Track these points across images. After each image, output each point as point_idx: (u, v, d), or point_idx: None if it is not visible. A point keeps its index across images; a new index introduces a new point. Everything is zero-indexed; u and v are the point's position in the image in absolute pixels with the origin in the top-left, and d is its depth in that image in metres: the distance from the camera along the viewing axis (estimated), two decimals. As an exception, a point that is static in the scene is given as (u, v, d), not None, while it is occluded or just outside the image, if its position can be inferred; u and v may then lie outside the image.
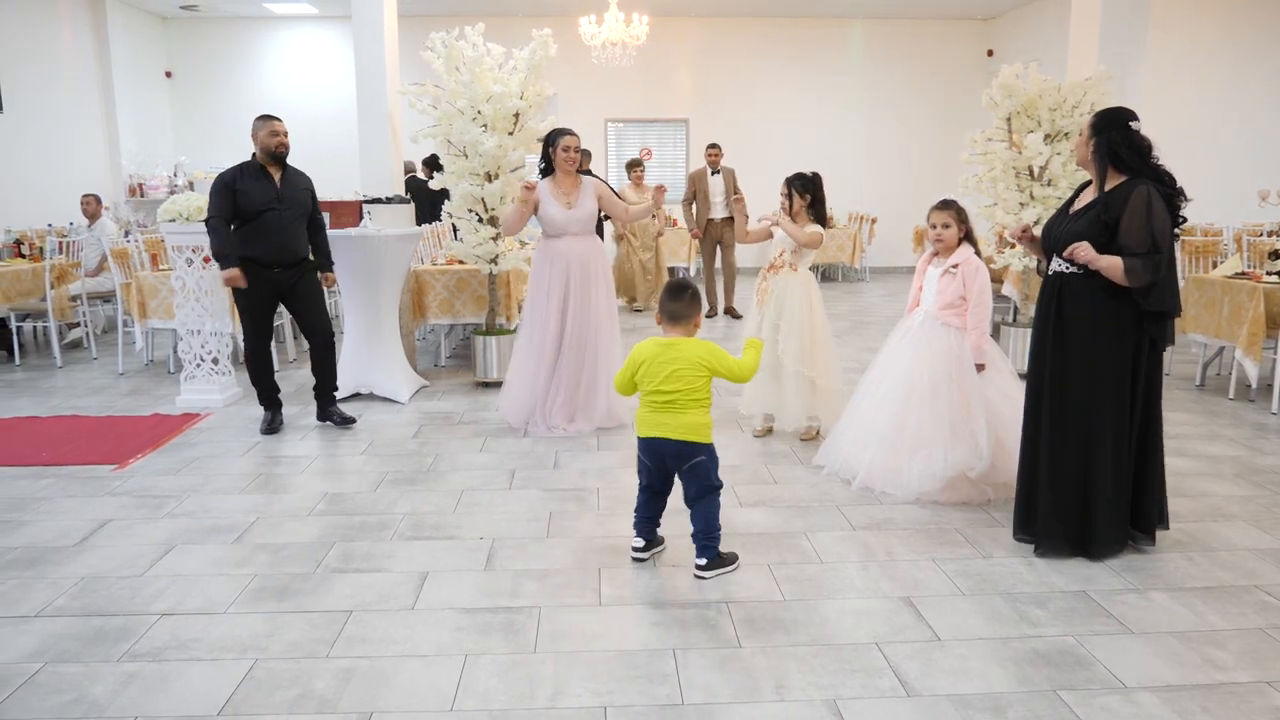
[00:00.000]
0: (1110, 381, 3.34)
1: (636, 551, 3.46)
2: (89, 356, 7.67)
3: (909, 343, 4.16)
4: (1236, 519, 3.88)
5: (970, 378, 4.00)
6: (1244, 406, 5.80)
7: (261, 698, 2.55)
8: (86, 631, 2.93)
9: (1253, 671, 2.66)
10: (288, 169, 5.17)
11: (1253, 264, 6.90)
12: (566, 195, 5.19)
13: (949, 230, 4.09)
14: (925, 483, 3.99)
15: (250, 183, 5.03)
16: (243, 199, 5.00)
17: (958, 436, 3.96)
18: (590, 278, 5.20)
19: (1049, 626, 2.93)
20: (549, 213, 5.17)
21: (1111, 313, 3.31)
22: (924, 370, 4.04)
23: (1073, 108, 6.31)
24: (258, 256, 5.05)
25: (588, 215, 5.24)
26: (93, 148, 11.52)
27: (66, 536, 3.73)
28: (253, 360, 5.26)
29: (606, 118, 13.82)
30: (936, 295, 4.10)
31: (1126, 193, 3.25)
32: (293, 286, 5.21)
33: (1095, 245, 3.26)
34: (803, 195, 4.88)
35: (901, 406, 4.06)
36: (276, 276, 5.13)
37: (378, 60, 6.92)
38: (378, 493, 4.27)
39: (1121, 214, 3.23)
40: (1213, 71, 11.84)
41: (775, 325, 4.86)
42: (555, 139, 5.20)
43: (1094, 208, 3.33)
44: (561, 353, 5.18)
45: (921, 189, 13.59)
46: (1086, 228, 3.31)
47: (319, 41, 13.35)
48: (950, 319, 4.06)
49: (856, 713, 2.46)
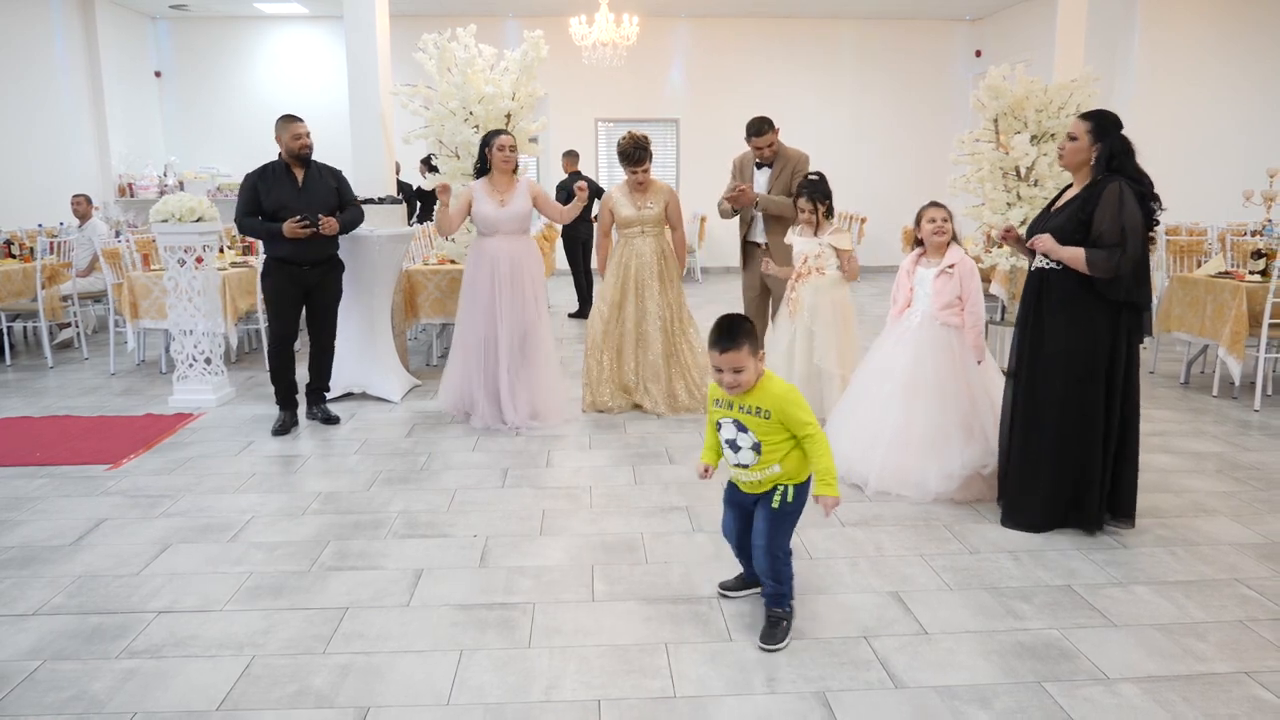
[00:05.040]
0: (1087, 372, 3.49)
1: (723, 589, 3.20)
2: (80, 357, 7.67)
3: (908, 344, 4.15)
4: (1218, 514, 3.95)
5: (975, 376, 4.06)
6: (1227, 404, 5.87)
7: (259, 693, 2.58)
8: (84, 629, 2.96)
9: (1232, 662, 2.72)
10: (312, 166, 5.24)
11: (1236, 263, 6.98)
12: (501, 194, 5.25)
13: (948, 224, 4.14)
14: (943, 484, 4.00)
15: (272, 182, 5.13)
16: (265, 198, 5.10)
17: (970, 435, 4.00)
18: (521, 277, 5.26)
19: (1034, 619, 2.99)
20: (482, 210, 5.23)
21: (1088, 306, 3.47)
22: (928, 370, 4.06)
23: (1059, 109, 6.38)
24: (285, 256, 5.15)
25: (520, 215, 5.29)
26: (82, 148, 11.49)
27: (62, 536, 3.75)
28: (276, 358, 5.33)
29: (597, 118, 13.85)
30: (934, 296, 4.12)
31: (1102, 188, 3.40)
32: (319, 283, 5.30)
33: (1072, 239, 3.42)
34: (824, 202, 4.96)
35: (908, 407, 4.06)
36: (305, 274, 5.23)
37: (369, 60, 6.93)
38: (371, 491, 4.30)
39: (1095, 208, 3.39)
40: (1197, 72, 11.94)
41: (810, 332, 4.92)
42: (490, 139, 5.26)
43: (1073, 204, 3.48)
44: (498, 351, 5.25)
45: (910, 189, 13.64)
46: (1065, 222, 3.47)
47: (310, 41, 13.33)
48: (950, 319, 4.09)
49: (846, 705, 2.51)
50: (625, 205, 5.58)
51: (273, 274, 5.21)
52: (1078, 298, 3.47)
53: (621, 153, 5.49)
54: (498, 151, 5.21)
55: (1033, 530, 3.67)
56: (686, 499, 4.15)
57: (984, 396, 4.03)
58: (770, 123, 5.50)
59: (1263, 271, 5.82)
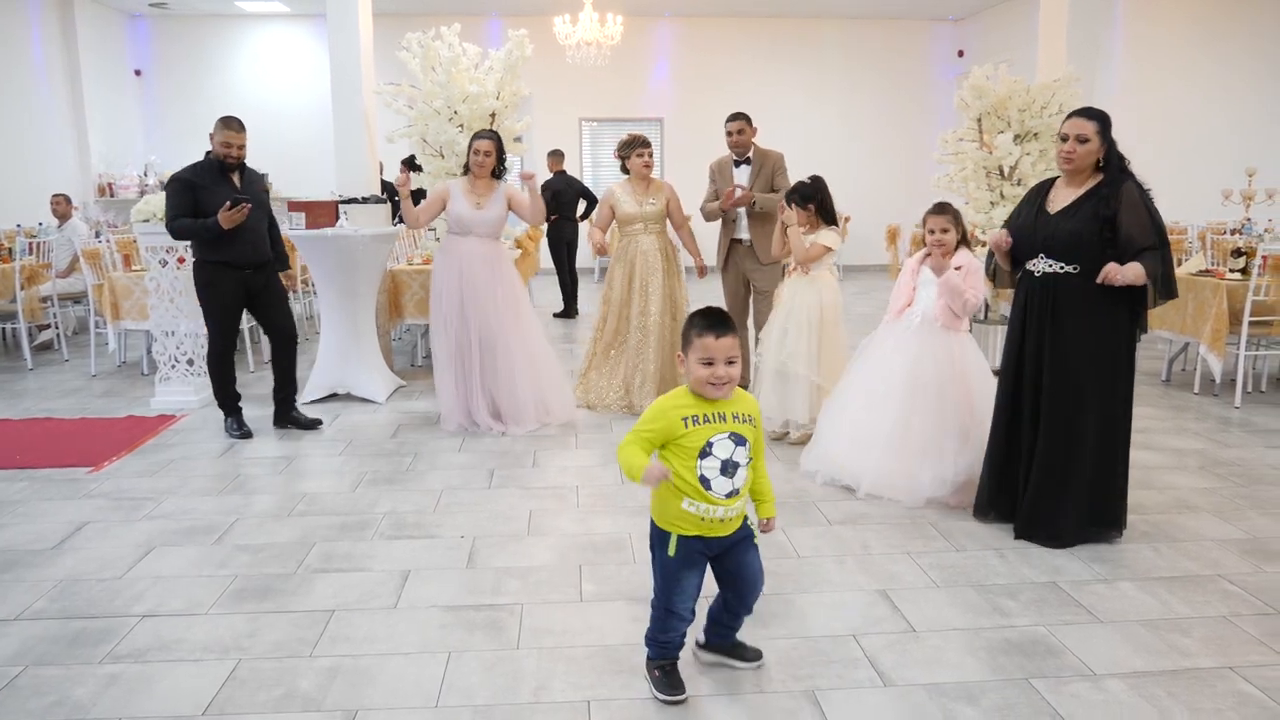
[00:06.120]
0: (1114, 374, 3.43)
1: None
2: (60, 358, 7.59)
3: (908, 346, 4.07)
4: (1201, 510, 3.98)
5: (974, 380, 4.00)
6: (1208, 401, 5.93)
7: (246, 697, 2.56)
8: (67, 634, 2.92)
9: (1216, 658, 2.74)
10: (245, 170, 5.13)
11: (1216, 262, 7.05)
12: (479, 197, 5.23)
13: (948, 235, 4.02)
14: (938, 489, 3.94)
15: (210, 183, 4.93)
16: (205, 196, 4.87)
17: (966, 440, 3.95)
18: (491, 280, 5.22)
19: (1020, 616, 3.00)
20: (457, 209, 5.20)
21: (1109, 310, 3.38)
22: (928, 374, 3.99)
23: (1041, 108, 6.42)
24: (230, 259, 4.98)
25: (495, 219, 5.27)
26: (61, 147, 11.38)
27: (43, 539, 3.71)
28: (219, 364, 5.17)
29: (581, 117, 13.84)
30: (939, 297, 4.03)
31: (1117, 189, 3.32)
32: (265, 285, 5.19)
33: (1097, 243, 3.31)
34: (804, 206, 4.87)
35: (906, 411, 3.99)
36: (249, 278, 5.09)
37: (352, 59, 6.89)
38: (357, 493, 4.27)
39: (1118, 210, 3.29)
40: (1176, 72, 12.05)
41: (784, 329, 4.88)
42: (471, 142, 5.27)
43: (1087, 205, 3.36)
44: (474, 354, 5.22)
45: (893, 188, 13.76)
46: (1083, 226, 3.34)
47: (292, 40, 13.26)
48: (949, 321, 4.02)
49: (834, 703, 2.52)
50: (627, 202, 5.60)
51: (214, 281, 4.99)
52: (1098, 301, 3.37)
53: (625, 143, 5.65)
54: (473, 155, 5.21)
55: (1060, 545, 3.52)
56: (674, 498, 4.14)
57: (983, 401, 3.91)
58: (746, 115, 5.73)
59: (1243, 270, 5.87)
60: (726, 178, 5.74)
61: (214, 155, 4.99)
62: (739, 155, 5.77)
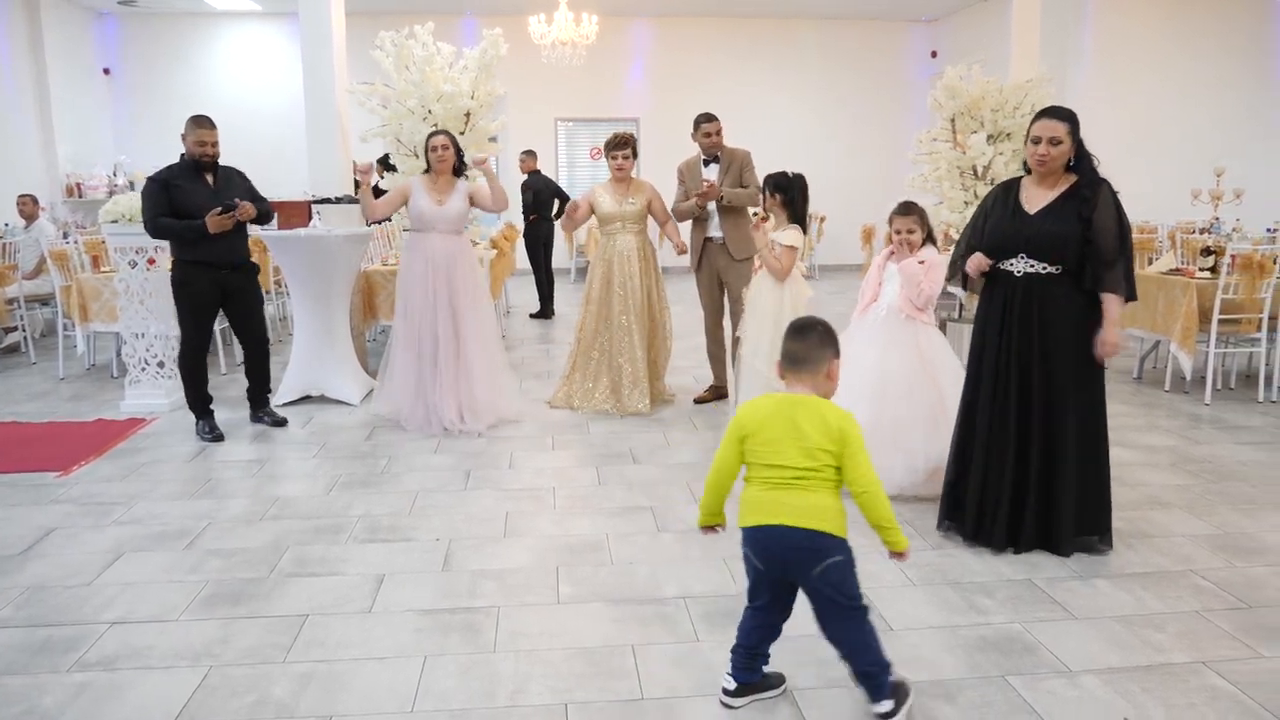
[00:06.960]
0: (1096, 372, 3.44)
1: (727, 695, 2.51)
2: (27, 361, 7.46)
3: (874, 338, 4.13)
4: (1173, 507, 4.03)
5: (941, 370, 4.04)
6: (1179, 398, 6.00)
7: (217, 704, 2.52)
8: (33, 642, 2.87)
9: (1189, 653, 2.77)
10: (220, 169, 5.08)
11: (1186, 260, 7.14)
12: (440, 193, 5.27)
13: (914, 235, 4.10)
14: (908, 477, 3.98)
15: (184, 184, 4.93)
16: (181, 196, 4.87)
17: (935, 428, 3.97)
18: (455, 276, 5.26)
19: (997, 614, 3.02)
20: (419, 205, 5.23)
21: (1086, 309, 3.37)
22: (894, 364, 4.04)
23: (1014, 109, 6.47)
24: (206, 259, 4.97)
25: (456, 215, 5.30)
26: (27, 147, 11.17)
27: (10, 546, 3.64)
28: (192, 365, 5.14)
29: (556, 117, 13.80)
30: (901, 286, 4.10)
31: (1095, 190, 3.31)
32: (241, 286, 5.16)
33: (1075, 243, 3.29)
34: (773, 194, 4.88)
35: (878, 401, 4.00)
36: (224, 278, 5.07)
37: (325, 58, 6.83)
38: (331, 495, 4.23)
39: (1095, 210, 3.28)
40: (1146, 72, 12.19)
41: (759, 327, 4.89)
42: (427, 141, 5.32)
43: (1067, 206, 3.33)
44: (438, 350, 5.24)
45: (869, 187, 13.80)
46: (1066, 228, 3.31)
47: (264, 38, 13.11)
48: (914, 312, 4.08)
49: (813, 701, 2.52)
50: (607, 200, 5.60)
51: (191, 280, 4.99)
52: (1078, 302, 3.36)
53: (605, 143, 5.67)
54: (431, 153, 5.26)
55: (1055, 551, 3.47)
56: (651, 499, 4.14)
57: (951, 389, 3.94)
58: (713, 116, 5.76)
59: (1212, 268, 5.94)
60: (695, 177, 5.72)
61: (188, 155, 4.97)
62: (710, 155, 5.75)
